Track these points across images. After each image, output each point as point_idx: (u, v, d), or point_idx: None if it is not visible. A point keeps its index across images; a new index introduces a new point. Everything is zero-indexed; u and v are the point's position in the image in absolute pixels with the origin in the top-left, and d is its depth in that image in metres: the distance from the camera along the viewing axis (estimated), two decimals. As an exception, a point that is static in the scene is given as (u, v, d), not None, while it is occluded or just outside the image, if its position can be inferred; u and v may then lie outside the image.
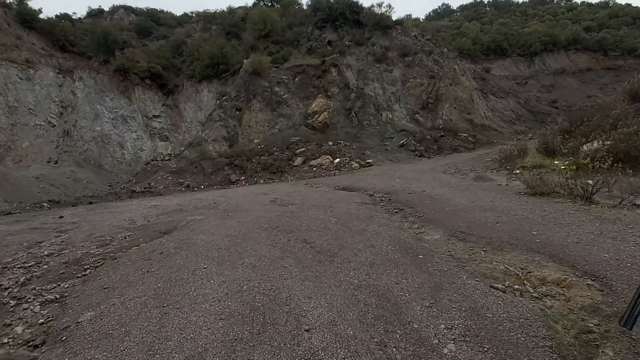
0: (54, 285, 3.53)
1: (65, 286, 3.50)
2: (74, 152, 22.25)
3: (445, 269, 3.45)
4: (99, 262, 4.12)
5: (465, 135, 17.90)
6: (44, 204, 10.43)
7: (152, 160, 18.90)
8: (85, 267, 4.00)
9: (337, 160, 13.98)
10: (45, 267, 4.05)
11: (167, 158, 19.16)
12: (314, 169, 13.67)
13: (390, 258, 3.83)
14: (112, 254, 4.37)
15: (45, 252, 4.56)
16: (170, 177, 14.61)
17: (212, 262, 3.87)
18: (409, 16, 49.75)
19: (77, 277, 3.73)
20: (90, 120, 23.32)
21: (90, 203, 11.32)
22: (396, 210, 6.15)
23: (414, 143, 15.70)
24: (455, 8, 72.52)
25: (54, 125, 22.76)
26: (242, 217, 6.03)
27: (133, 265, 3.95)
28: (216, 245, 4.42)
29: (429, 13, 77.48)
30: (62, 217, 7.35)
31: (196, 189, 13.51)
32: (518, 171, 8.10)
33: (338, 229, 5.05)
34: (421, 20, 54.12)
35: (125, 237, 5.15)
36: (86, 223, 6.48)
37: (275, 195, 8.44)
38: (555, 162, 8.03)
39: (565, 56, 44.23)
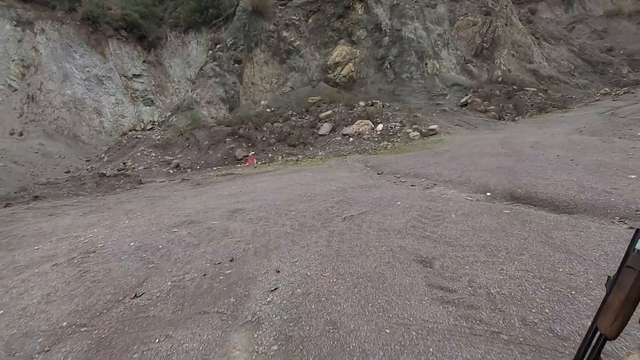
0: None
1: None
2: (42, 121, 18.58)
3: None
4: None
5: (534, 89, 13.69)
6: (-45, 202, 6.92)
7: (130, 131, 15.05)
8: None
9: (380, 126, 10.11)
10: None
11: (149, 127, 15.26)
12: (351, 139, 9.86)
13: None
14: None
15: None
16: (153, 153, 10.94)
17: None
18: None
19: None
20: (59, 82, 19.34)
21: (36, 198, 7.80)
22: None
23: (478, 100, 11.63)
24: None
25: (15, 90, 18.96)
26: None
27: None
28: None
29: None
30: None
31: (189, 170, 9.91)
32: None
33: None
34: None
35: None
36: None
37: (394, 236, 3.13)
38: None
39: (608, -1, 37.44)
